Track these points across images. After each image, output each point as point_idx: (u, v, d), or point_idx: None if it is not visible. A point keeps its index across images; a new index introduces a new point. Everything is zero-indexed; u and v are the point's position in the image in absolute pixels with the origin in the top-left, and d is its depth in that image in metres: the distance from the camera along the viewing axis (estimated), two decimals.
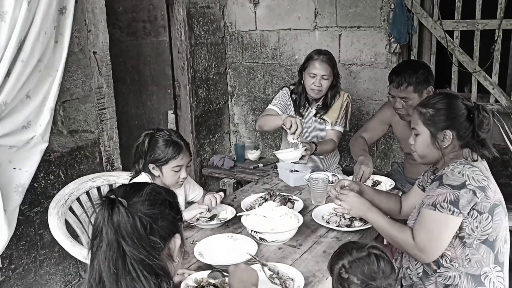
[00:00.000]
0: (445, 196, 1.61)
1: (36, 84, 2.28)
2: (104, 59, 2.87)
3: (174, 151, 2.12)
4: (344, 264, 1.33)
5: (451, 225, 1.63)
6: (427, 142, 1.76)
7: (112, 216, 1.11)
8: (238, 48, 4.04)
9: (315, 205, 2.35)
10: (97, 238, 1.13)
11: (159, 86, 3.70)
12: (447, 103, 1.73)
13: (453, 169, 1.65)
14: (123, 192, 1.20)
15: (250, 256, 1.80)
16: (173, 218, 1.24)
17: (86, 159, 2.81)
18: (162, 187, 1.29)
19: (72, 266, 2.80)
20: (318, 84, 2.75)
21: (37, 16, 2.14)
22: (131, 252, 1.11)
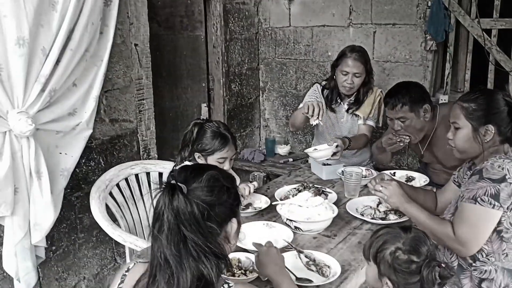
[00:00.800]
0: (485, 190, 1.62)
1: (82, 73, 2.37)
2: (144, 51, 2.95)
3: (220, 144, 2.18)
4: (399, 246, 1.34)
5: (492, 218, 1.64)
6: (469, 136, 1.76)
7: (172, 202, 1.15)
8: (271, 44, 4.09)
9: (348, 198, 2.38)
10: (159, 221, 1.17)
11: (194, 79, 3.77)
12: (489, 98, 1.74)
13: (493, 163, 1.66)
14: (183, 177, 1.22)
15: (286, 243, 1.85)
16: (230, 204, 1.26)
17: (125, 147, 2.90)
18: (222, 172, 1.30)
19: (108, 250, 2.89)
20: (350, 81, 2.77)
21: (85, 7, 2.23)
22: (191, 236, 1.15)
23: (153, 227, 1.19)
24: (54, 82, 2.16)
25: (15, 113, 2.01)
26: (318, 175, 2.74)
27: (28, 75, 2.03)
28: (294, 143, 4.15)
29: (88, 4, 2.24)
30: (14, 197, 2.07)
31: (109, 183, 2.48)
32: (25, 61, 1.99)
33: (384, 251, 1.36)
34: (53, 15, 2.09)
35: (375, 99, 2.91)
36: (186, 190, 1.18)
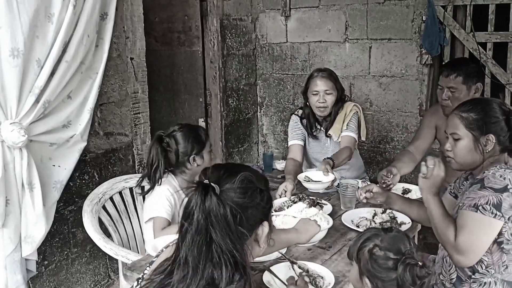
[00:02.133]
0: (487, 199, 1.58)
1: (77, 85, 2.37)
2: (140, 65, 2.96)
3: (204, 133, 2.17)
4: (377, 243, 1.33)
5: (492, 228, 1.59)
6: (470, 146, 1.71)
7: (205, 203, 1.12)
8: (268, 59, 4.11)
9: (344, 210, 2.35)
10: (188, 221, 1.14)
11: (191, 94, 3.78)
12: (487, 107, 1.72)
13: (494, 172, 1.64)
14: (216, 177, 1.20)
15: (280, 254, 1.81)
16: (263, 207, 1.23)
17: (120, 161, 2.88)
18: (255, 174, 1.26)
19: (102, 266, 2.85)
20: (322, 100, 2.73)
21: (81, 19, 2.25)
22: (217, 240, 1.12)
23: (182, 225, 1.17)
24: (49, 94, 2.16)
25: (8, 124, 2.00)
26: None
27: (22, 86, 2.03)
28: None
29: (84, 16, 2.26)
30: (5, 208, 2.05)
31: (103, 196, 2.45)
32: (19, 72, 1.99)
33: (364, 249, 1.35)
34: (49, 27, 2.10)
35: (347, 114, 2.82)
36: (219, 191, 1.15)
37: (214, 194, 1.14)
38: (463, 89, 2.46)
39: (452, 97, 2.48)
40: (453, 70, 2.46)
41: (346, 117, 2.82)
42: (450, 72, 2.47)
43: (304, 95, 2.87)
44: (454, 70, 2.46)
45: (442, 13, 3.23)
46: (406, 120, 3.54)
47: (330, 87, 2.74)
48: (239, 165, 1.33)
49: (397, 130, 3.61)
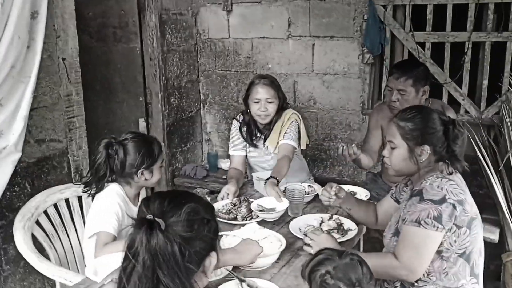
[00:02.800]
0: (428, 212, 1.61)
1: (8, 91, 2.19)
2: (73, 66, 2.77)
3: (158, 147, 2.02)
4: (329, 270, 1.30)
5: (435, 240, 1.63)
6: (404, 156, 1.75)
7: (150, 241, 1.05)
8: (210, 55, 4.00)
9: (292, 217, 2.33)
10: (131, 262, 1.07)
11: (130, 93, 3.61)
12: (425, 119, 1.73)
13: (432, 183, 1.66)
14: (160, 210, 1.13)
15: (227, 271, 1.76)
16: (210, 239, 1.18)
17: (54, 169, 2.70)
18: (201, 203, 1.21)
19: (38, 281, 2.68)
20: (264, 109, 2.65)
21: (10, 19, 2.06)
22: (165, 281, 1.06)
23: (124, 268, 1.09)
24: None
25: None
26: (261, 192, 2.66)
27: None
28: None
29: (14, 16, 2.08)
30: None
31: (36, 210, 2.29)
32: None
33: (316, 272, 1.32)
34: None
35: (285, 123, 2.73)
36: (164, 226, 1.09)
37: (160, 231, 1.07)
38: (412, 92, 2.52)
39: (401, 99, 2.53)
40: (403, 73, 2.51)
41: (284, 126, 2.73)
42: (401, 74, 2.51)
43: (245, 102, 2.78)
44: (404, 73, 2.50)
45: (383, 12, 3.27)
46: (349, 118, 3.57)
47: (272, 95, 2.66)
48: (184, 194, 1.25)
49: (340, 127, 3.64)
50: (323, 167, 3.75)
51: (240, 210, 2.30)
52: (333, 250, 1.37)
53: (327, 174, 3.73)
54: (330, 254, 1.35)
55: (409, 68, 2.53)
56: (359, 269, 1.30)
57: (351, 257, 1.33)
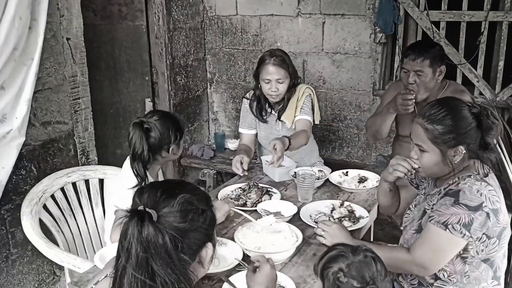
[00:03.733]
0: (459, 217, 1.50)
1: (10, 74, 2.13)
2: (78, 46, 2.70)
3: (183, 122, 2.12)
4: (342, 267, 1.26)
5: (458, 246, 1.56)
6: (437, 160, 1.60)
7: (142, 233, 1.03)
8: (217, 33, 3.90)
9: (302, 202, 2.29)
10: (126, 254, 1.06)
11: (136, 73, 3.54)
12: (456, 117, 1.56)
13: (471, 186, 1.54)
14: (153, 200, 1.10)
15: (238, 261, 1.73)
16: (205, 230, 1.15)
17: (60, 152, 2.66)
18: (195, 193, 1.17)
19: (46, 264, 2.67)
20: (274, 89, 2.61)
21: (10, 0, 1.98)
22: (160, 271, 1.05)
23: (118, 259, 1.08)
24: None
25: None
26: (270, 176, 2.62)
27: None
28: None
29: None
30: None
31: (43, 195, 2.27)
32: None
33: (328, 269, 1.28)
34: None
35: (300, 98, 2.71)
36: (156, 217, 1.06)
37: (151, 222, 1.05)
38: (430, 72, 2.43)
39: (419, 81, 2.45)
40: (420, 53, 2.41)
41: (299, 101, 2.71)
42: (417, 55, 2.42)
43: (255, 78, 2.72)
44: (421, 53, 2.41)
45: None
46: (359, 98, 3.50)
47: (283, 75, 2.61)
48: (178, 184, 1.21)
49: (350, 108, 3.57)
50: (331, 148, 3.69)
51: (249, 196, 2.26)
52: (346, 246, 1.33)
53: (336, 155, 3.69)
54: (343, 251, 1.30)
55: (425, 49, 2.43)
56: (373, 266, 1.26)
57: (364, 253, 1.28)
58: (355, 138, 3.62)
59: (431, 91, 2.50)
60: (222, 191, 2.34)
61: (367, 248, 1.30)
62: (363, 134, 3.58)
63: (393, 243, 2.27)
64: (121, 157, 3.71)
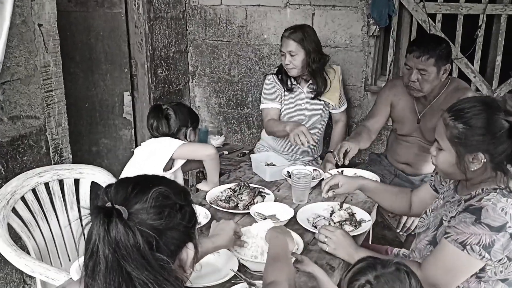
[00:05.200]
0: (480, 238, 1.35)
1: None
2: (51, 33, 2.47)
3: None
4: (369, 279, 1.11)
5: (474, 268, 1.41)
6: (451, 162, 1.46)
7: (110, 233, 0.92)
8: (200, 24, 3.70)
9: (297, 204, 2.14)
10: (93, 259, 0.94)
11: (114, 64, 3.31)
12: (486, 120, 1.38)
13: (495, 203, 1.36)
14: (123, 196, 0.98)
15: (233, 273, 1.56)
16: (184, 227, 1.02)
17: (31, 149, 2.43)
18: (172, 186, 1.04)
19: (15, 272, 2.45)
20: (287, 61, 2.68)
21: None
22: (136, 274, 0.93)
23: (86, 266, 0.96)
24: None
25: None
26: (261, 176, 2.46)
27: None
28: (228, 134, 3.84)
29: None
30: None
31: (12, 197, 2.05)
32: None
33: (355, 283, 1.14)
34: None
35: (339, 79, 2.86)
36: (127, 214, 0.94)
37: (119, 220, 0.92)
38: (434, 71, 2.31)
39: (421, 79, 2.32)
40: (425, 51, 2.29)
41: (340, 84, 2.84)
42: (422, 53, 2.29)
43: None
44: (426, 51, 2.29)
45: None
46: (349, 94, 3.35)
47: (295, 48, 2.65)
48: (152, 178, 1.06)
49: None
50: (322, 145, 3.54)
51: (241, 198, 2.09)
52: (376, 258, 1.18)
53: (325, 153, 3.53)
54: (372, 262, 1.15)
55: (431, 46, 2.30)
56: (406, 282, 1.10)
57: (397, 266, 1.13)
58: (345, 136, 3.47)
59: (434, 88, 2.39)
60: (211, 192, 2.17)
61: (400, 261, 1.14)
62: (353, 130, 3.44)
63: (384, 245, 2.16)
64: (97, 154, 3.53)
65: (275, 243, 1.50)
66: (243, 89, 3.70)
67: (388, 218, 2.67)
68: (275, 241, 1.51)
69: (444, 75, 2.35)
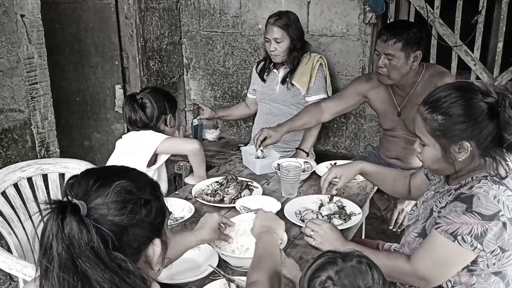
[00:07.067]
0: (471, 228, 1.27)
1: None
2: (34, 24, 2.41)
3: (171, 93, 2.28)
4: (330, 275, 1.03)
5: (466, 259, 1.33)
6: (438, 156, 1.38)
7: (63, 229, 0.86)
8: (194, 15, 3.62)
9: (286, 197, 2.06)
10: (46, 256, 0.88)
11: (105, 57, 3.24)
12: (464, 106, 1.30)
13: (487, 190, 1.30)
14: (84, 190, 0.93)
15: (212, 268, 1.48)
16: (150, 223, 0.96)
17: (15, 143, 2.38)
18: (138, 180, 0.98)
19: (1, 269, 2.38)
20: (272, 48, 2.69)
21: None
22: (92, 273, 0.87)
23: (40, 263, 0.90)
24: None
25: None
26: (251, 169, 2.38)
27: None
28: (224, 127, 3.76)
29: None
30: None
31: None
32: None
33: (316, 280, 1.05)
34: None
35: (314, 66, 2.78)
36: (86, 210, 0.89)
37: (73, 215, 0.86)
38: (401, 57, 2.21)
39: (389, 65, 2.23)
40: (392, 35, 2.20)
41: (313, 70, 2.77)
42: (389, 37, 2.20)
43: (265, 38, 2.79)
44: (394, 35, 2.19)
45: None
46: (346, 84, 3.24)
47: (281, 35, 2.67)
48: (118, 170, 1.00)
49: None
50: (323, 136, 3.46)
51: (227, 191, 2.01)
52: (335, 252, 1.09)
53: (321, 145, 3.45)
54: (332, 257, 1.07)
55: (399, 30, 2.21)
56: (368, 274, 1.03)
57: (358, 259, 1.05)
58: (342, 127, 3.38)
59: (404, 77, 2.28)
60: (197, 186, 2.10)
61: (360, 254, 1.06)
62: (350, 122, 3.35)
63: (382, 239, 2.07)
64: (90, 149, 3.47)
65: (262, 239, 1.42)
66: (238, 81, 3.62)
67: (382, 213, 2.59)
68: (262, 237, 1.43)
69: (415, 63, 2.24)
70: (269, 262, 1.31)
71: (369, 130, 3.30)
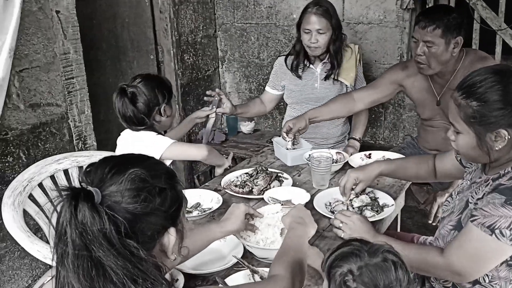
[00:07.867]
0: (510, 222, 1.20)
1: None
2: (69, 20, 2.46)
3: (166, 79, 2.08)
4: (352, 269, 0.99)
5: (504, 254, 1.26)
6: (473, 144, 1.30)
7: (76, 216, 0.87)
8: (228, 7, 3.60)
9: (317, 189, 2.01)
10: (62, 242, 0.89)
11: (140, 51, 3.28)
12: (502, 92, 1.22)
13: None
14: (99, 177, 0.93)
15: (236, 259, 1.46)
16: (164, 212, 0.96)
17: (53, 136, 2.44)
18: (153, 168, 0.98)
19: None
20: (314, 40, 2.49)
21: None
22: (106, 260, 0.87)
23: (56, 249, 0.91)
24: None
25: None
26: (282, 160, 2.35)
27: None
28: (259, 120, 3.74)
29: None
30: None
31: (28, 183, 2.05)
32: None
33: (337, 269, 1.02)
34: None
35: (357, 59, 2.65)
36: (100, 197, 0.89)
37: (86, 202, 0.87)
38: (441, 44, 2.09)
39: (428, 53, 2.11)
40: (431, 21, 2.08)
41: (357, 63, 2.64)
42: (428, 23, 2.08)
43: (297, 29, 2.60)
44: (432, 21, 2.08)
45: None
46: None
47: (324, 26, 2.47)
48: (134, 158, 0.99)
49: None
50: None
51: (256, 182, 1.98)
52: (364, 243, 1.04)
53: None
54: (358, 249, 1.02)
55: (438, 15, 2.08)
56: (392, 273, 0.98)
57: (384, 256, 1.00)
58: (380, 117, 3.28)
59: (445, 64, 2.16)
60: (226, 177, 2.08)
61: (390, 250, 1.01)
62: (389, 112, 3.24)
63: (424, 234, 1.98)
64: None
65: (294, 229, 1.39)
66: None
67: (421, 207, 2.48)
68: (295, 227, 1.40)
69: (456, 49, 2.11)
70: (295, 256, 1.27)
71: (408, 120, 3.17)
